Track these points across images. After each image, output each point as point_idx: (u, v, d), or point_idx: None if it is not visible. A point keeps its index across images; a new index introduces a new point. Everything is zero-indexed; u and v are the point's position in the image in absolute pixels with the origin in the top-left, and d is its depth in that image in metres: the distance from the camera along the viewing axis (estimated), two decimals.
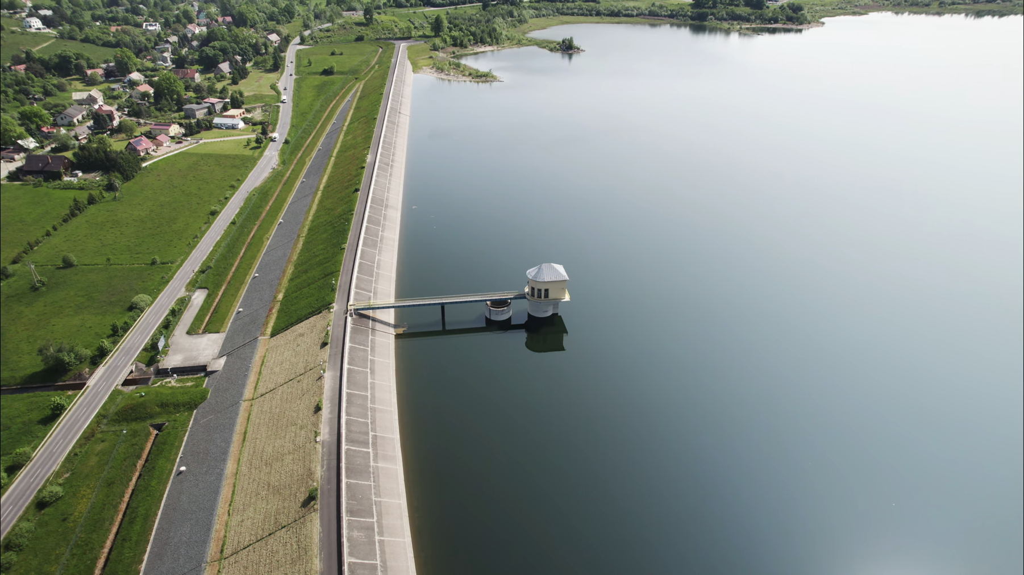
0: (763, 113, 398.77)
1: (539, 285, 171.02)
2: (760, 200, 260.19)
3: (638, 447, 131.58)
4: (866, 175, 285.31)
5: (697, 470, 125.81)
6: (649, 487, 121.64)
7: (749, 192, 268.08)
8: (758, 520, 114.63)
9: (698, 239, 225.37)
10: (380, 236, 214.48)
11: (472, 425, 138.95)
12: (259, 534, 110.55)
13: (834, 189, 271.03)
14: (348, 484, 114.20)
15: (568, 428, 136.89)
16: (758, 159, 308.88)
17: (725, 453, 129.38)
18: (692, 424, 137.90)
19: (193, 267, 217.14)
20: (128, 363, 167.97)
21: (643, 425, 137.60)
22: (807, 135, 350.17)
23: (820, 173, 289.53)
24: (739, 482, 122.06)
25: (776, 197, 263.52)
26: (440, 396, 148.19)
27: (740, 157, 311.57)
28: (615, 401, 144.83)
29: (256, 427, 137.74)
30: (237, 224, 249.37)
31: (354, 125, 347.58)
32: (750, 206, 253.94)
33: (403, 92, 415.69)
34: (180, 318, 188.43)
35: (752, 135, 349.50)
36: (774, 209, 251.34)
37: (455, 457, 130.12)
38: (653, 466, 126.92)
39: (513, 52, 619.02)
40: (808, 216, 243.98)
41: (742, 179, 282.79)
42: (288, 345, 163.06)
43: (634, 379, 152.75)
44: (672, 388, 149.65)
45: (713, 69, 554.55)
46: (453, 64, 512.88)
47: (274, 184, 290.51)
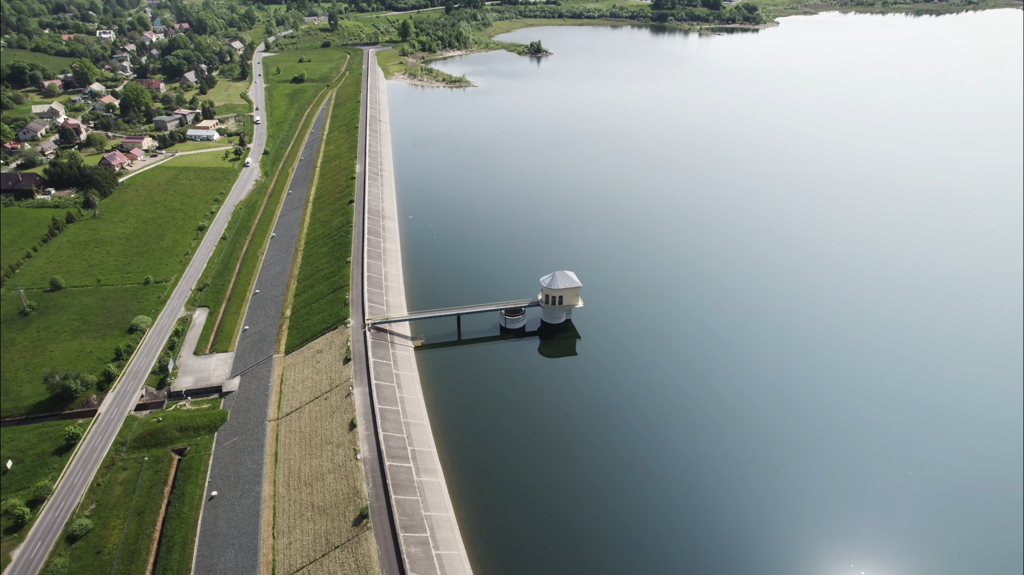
0: (743, 112, 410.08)
1: (553, 292, 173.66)
2: (763, 198, 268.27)
3: (659, 446, 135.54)
4: (859, 168, 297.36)
5: (708, 467, 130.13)
6: (668, 485, 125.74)
7: (748, 190, 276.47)
8: (768, 517, 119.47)
9: (698, 239, 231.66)
10: (383, 248, 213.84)
11: (501, 433, 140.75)
12: (311, 556, 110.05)
13: (828, 185, 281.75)
14: (397, 500, 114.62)
15: (589, 430, 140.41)
16: (751, 157, 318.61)
17: (736, 454, 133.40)
18: (704, 420, 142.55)
19: (189, 285, 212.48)
20: (137, 388, 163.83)
21: (661, 425, 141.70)
22: (792, 131, 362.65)
23: (816, 171, 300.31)
24: (750, 482, 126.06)
25: (779, 194, 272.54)
26: (466, 406, 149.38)
27: (729, 155, 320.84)
28: (631, 403, 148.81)
29: (287, 447, 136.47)
30: (228, 239, 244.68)
31: (335, 135, 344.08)
32: (751, 204, 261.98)
33: (379, 99, 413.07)
34: (184, 338, 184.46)
35: (738, 133, 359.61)
36: (779, 206, 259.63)
37: (491, 466, 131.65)
38: (671, 463, 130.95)
39: (481, 56, 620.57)
40: (815, 215, 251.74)
41: (735, 177, 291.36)
42: (306, 362, 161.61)
43: (648, 381, 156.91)
44: (684, 386, 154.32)
45: (680, 70, 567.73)
46: (425, 70, 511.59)
47: (260, 197, 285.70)
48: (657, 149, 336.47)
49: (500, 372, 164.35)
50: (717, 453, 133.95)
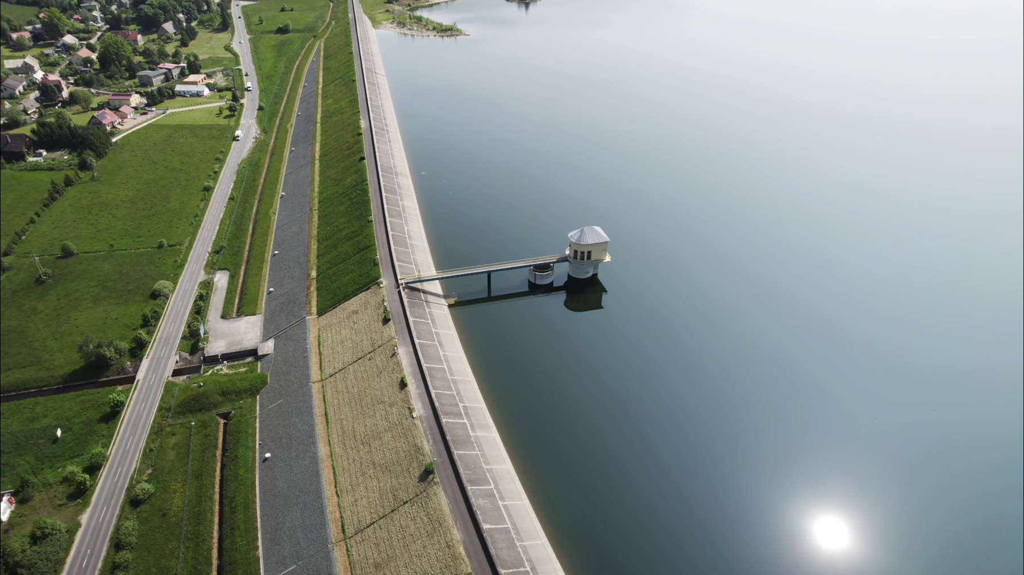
0: (752, 59, 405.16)
1: (581, 247, 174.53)
2: (787, 143, 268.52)
3: (689, 394, 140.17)
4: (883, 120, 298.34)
5: (729, 412, 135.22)
6: (694, 431, 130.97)
7: (764, 138, 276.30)
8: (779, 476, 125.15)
9: (722, 188, 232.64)
10: (401, 206, 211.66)
11: (541, 386, 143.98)
12: (380, 511, 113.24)
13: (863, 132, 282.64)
14: (459, 456, 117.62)
15: (620, 380, 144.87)
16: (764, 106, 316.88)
17: (752, 402, 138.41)
18: (724, 370, 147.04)
19: (205, 248, 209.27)
20: (171, 353, 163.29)
21: (690, 373, 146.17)
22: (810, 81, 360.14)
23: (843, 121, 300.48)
24: (769, 433, 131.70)
25: (807, 139, 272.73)
26: (505, 362, 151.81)
27: (741, 103, 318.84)
28: (658, 353, 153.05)
29: (337, 408, 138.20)
30: (237, 200, 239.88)
31: (331, 88, 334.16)
32: (773, 150, 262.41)
33: (372, 50, 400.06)
34: (209, 302, 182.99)
35: (753, 82, 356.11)
36: (811, 161, 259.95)
37: (539, 419, 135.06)
38: (698, 408, 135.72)
39: (468, 2, 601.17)
40: (856, 165, 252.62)
41: (748, 126, 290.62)
42: (342, 323, 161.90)
43: (676, 332, 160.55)
44: (706, 336, 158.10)
45: (669, 16, 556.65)
46: (414, 18, 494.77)
47: (261, 155, 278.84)
48: (663, 97, 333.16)
49: (533, 327, 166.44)
50: (739, 396, 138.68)
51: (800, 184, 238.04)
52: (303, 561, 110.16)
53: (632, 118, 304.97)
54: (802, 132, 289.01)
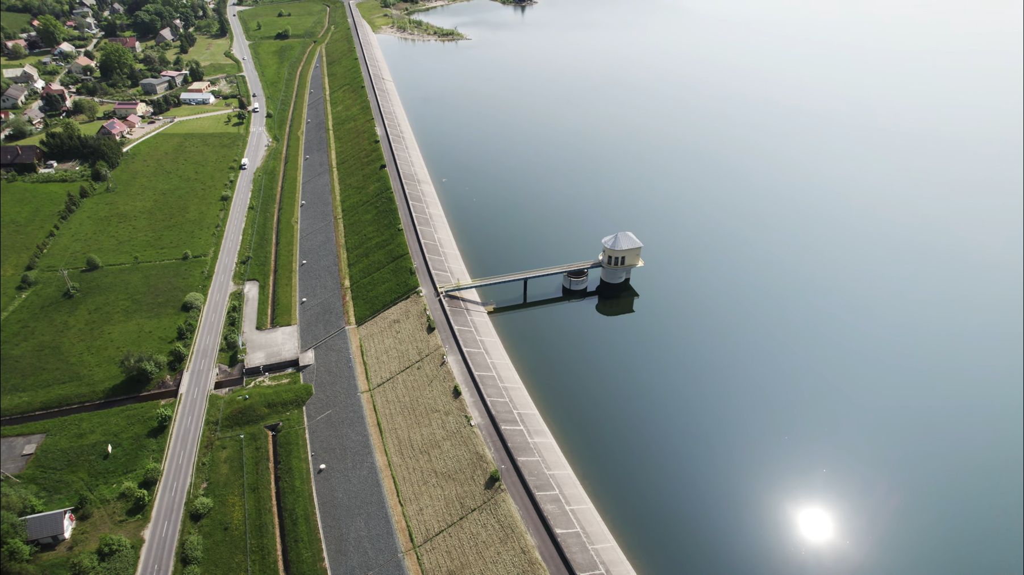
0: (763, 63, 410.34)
1: (616, 253, 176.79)
2: (822, 156, 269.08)
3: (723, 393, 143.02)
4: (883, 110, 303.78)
5: (759, 408, 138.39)
6: (729, 429, 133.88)
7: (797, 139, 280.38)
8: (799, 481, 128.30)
9: (753, 189, 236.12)
10: (428, 214, 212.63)
11: (588, 390, 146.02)
12: (448, 519, 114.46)
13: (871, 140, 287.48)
14: (521, 462, 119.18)
15: (661, 380, 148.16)
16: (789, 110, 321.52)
17: (782, 401, 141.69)
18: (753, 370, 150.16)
19: (231, 259, 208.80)
20: (210, 366, 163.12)
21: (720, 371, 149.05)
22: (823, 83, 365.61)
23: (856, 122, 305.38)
24: (800, 441, 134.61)
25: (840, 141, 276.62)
26: (550, 367, 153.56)
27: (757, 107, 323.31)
28: (695, 356, 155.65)
29: (389, 417, 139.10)
30: (257, 209, 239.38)
31: (339, 95, 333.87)
32: (799, 150, 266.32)
33: (376, 56, 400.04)
34: (243, 313, 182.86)
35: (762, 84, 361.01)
36: (841, 160, 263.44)
37: (590, 423, 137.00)
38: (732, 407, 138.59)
39: (464, 6, 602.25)
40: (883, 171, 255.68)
41: (766, 125, 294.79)
42: (384, 332, 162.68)
43: (710, 335, 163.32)
44: (739, 339, 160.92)
45: (663, 18, 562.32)
46: (413, 23, 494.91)
47: (275, 163, 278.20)
48: (679, 100, 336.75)
49: (571, 332, 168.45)
50: (770, 396, 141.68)
51: (829, 188, 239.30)
52: (373, 571, 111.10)
53: (650, 120, 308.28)
54: (829, 138, 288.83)
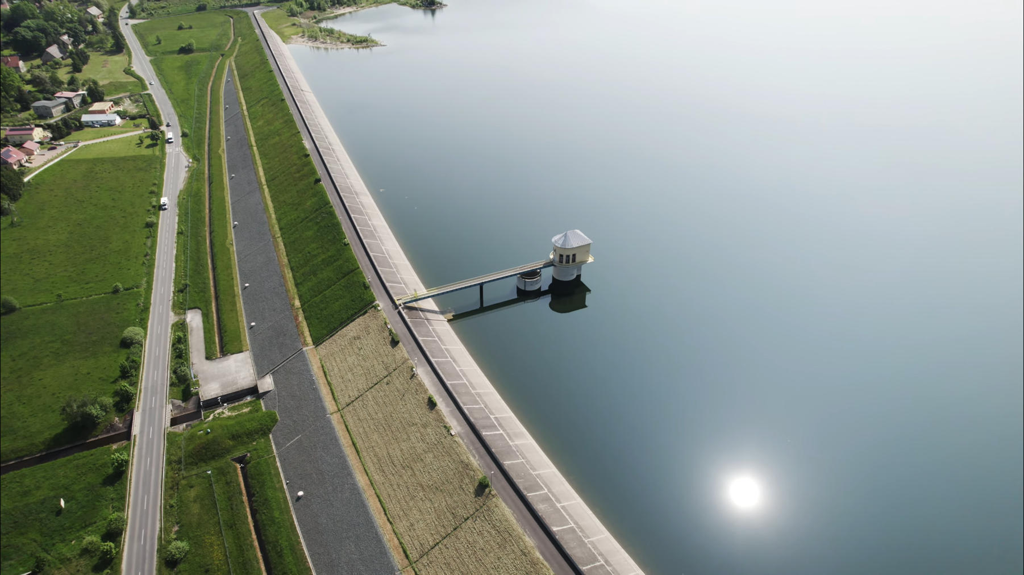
0: (669, 55, 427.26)
1: (566, 251, 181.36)
2: (767, 150, 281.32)
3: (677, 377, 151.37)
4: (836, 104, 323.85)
5: (699, 391, 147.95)
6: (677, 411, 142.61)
7: (720, 134, 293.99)
8: None
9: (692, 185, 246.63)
10: (371, 226, 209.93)
11: (558, 387, 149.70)
12: (442, 531, 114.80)
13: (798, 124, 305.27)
14: (508, 466, 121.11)
15: (623, 367, 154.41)
16: (702, 99, 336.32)
17: (723, 386, 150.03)
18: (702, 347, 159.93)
19: (166, 288, 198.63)
20: (163, 403, 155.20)
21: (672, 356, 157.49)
22: (737, 69, 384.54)
23: (774, 107, 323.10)
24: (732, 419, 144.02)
25: (762, 136, 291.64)
26: (517, 369, 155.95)
27: (671, 99, 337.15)
28: (646, 344, 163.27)
29: (364, 436, 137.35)
30: (187, 234, 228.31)
31: (258, 109, 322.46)
32: (731, 148, 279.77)
33: (290, 67, 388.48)
34: (189, 344, 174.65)
35: (678, 77, 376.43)
36: (769, 151, 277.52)
37: (566, 420, 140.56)
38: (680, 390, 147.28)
39: (373, 12, 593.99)
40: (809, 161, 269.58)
41: (683, 119, 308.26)
42: (345, 350, 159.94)
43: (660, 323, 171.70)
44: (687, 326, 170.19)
45: (570, 16, 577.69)
46: (324, 31, 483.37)
47: (199, 184, 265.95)
48: (603, 95, 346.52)
49: (533, 332, 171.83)
50: (705, 378, 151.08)
51: (770, 181, 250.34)
52: None
53: (581, 117, 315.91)
54: (777, 132, 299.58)
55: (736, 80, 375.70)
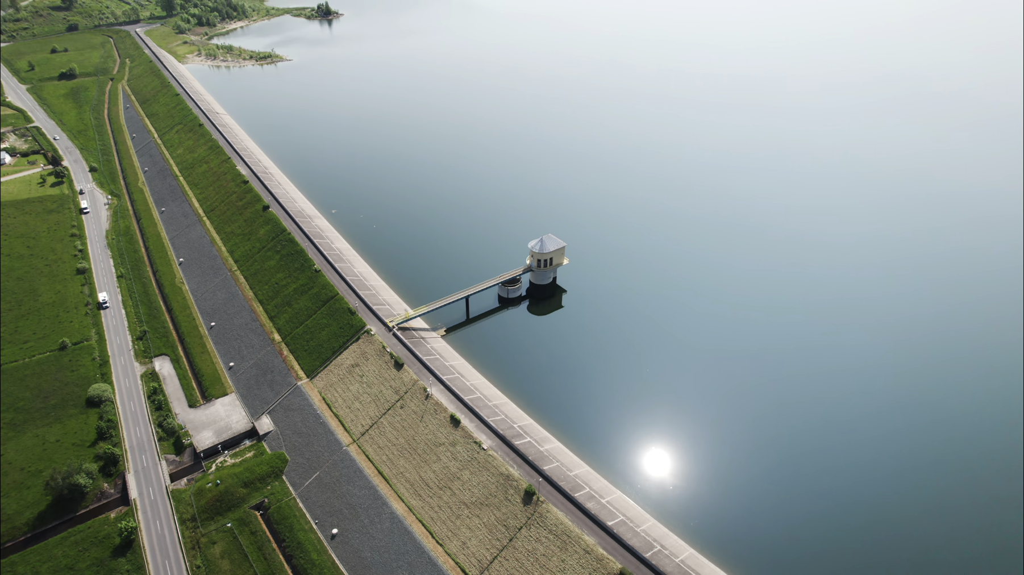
0: (595, 52, 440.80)
1: (544, 255, 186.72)
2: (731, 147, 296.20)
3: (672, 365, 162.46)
4: None
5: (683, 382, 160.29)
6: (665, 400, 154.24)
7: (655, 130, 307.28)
8: None
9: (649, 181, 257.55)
10: (337, 250, 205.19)
11: (565, 387, 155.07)
12: (498, 544, 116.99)
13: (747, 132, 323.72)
14: (548, 471, 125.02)
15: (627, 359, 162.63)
16: (625, 91, 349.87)
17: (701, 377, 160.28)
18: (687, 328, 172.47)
19: (122, 338, 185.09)
20: (155, 460, 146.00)
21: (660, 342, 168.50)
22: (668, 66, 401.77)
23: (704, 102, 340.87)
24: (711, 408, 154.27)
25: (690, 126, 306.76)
26: (523, 375, 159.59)
27: (602, 94, 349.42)
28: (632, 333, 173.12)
29: (390, 463, 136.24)
30: (128, 277, 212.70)
31: (174, 136, 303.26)
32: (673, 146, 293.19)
33: (196, 88, 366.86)
34: (166, 394, 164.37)
35: (596, 74, 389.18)
36: (715, 148, 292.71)
37: (585, 418, 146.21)
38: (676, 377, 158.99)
39: (267, 25, 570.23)
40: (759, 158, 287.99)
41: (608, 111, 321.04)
42: (345, 380, 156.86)
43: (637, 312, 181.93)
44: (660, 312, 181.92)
45: (476, 18, 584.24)
46: (223, 48, 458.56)
47: (126, 221, 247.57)
48: (534, 95, 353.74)
49: (524, 338, 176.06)
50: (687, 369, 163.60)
51: (729, 177, 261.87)
52: None
53: (515, 118, 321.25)
54: (742, 128, 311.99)
55: (683, 72, 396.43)
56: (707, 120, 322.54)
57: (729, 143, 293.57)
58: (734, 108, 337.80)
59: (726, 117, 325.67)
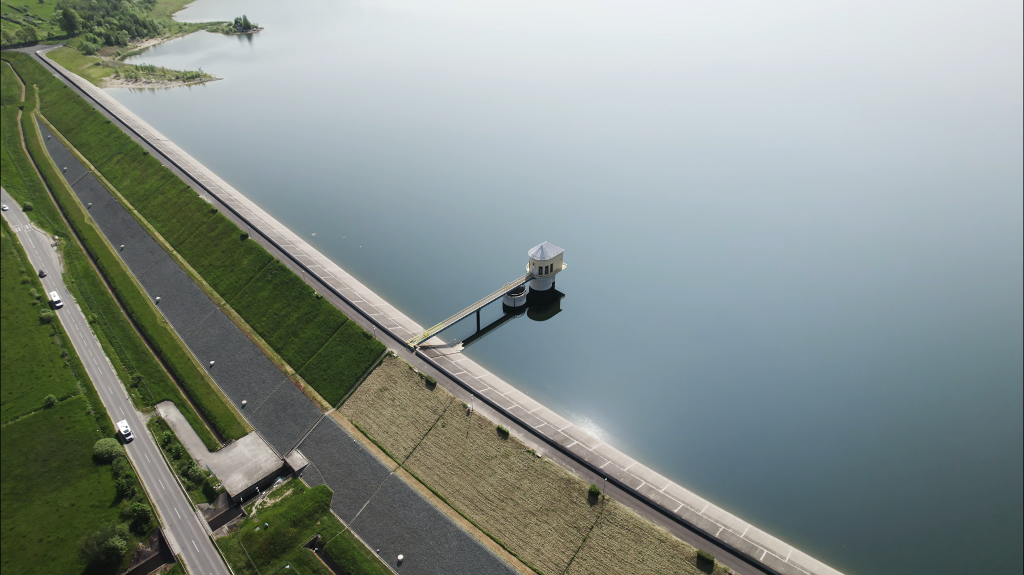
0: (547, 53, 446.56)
1: (544, 263, 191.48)
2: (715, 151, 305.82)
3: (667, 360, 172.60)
4: None
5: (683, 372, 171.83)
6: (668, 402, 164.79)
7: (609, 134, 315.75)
8: None
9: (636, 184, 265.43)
10: (331, 273, 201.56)
11: (589, 385, 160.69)
12: (573, 546, 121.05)
13: None
14: (605, 469, 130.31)
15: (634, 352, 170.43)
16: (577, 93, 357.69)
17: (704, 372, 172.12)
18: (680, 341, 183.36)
19: (114, 387, 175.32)
20: (190, 511, 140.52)
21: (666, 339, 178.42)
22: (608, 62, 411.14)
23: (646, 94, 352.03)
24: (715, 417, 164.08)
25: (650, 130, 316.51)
26: (548, 381, 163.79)
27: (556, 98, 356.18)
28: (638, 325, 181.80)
29: (443, 481, 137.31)
30: (101, 321, 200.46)
31: (116, 168, 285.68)
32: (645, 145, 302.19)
33: (126, 113, 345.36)
34: (181, 441, 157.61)
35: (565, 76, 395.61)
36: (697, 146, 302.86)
37: (621, 416, 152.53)
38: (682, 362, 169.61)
39: (183, 42, 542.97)
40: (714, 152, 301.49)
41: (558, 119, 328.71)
42: (376, 405, 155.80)
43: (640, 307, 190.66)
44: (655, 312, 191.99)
45: (403, 25, 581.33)
46: (145, 69, 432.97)
47: (83, 262, 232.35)
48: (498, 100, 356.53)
49: (538, 344, 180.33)
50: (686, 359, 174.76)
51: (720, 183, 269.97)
52: None
53: (478, 126, 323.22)
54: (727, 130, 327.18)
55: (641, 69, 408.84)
56: (700, 119, 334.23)
57: (723, 140, 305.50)
58: (729, 105, 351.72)
59: (721, 115, 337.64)
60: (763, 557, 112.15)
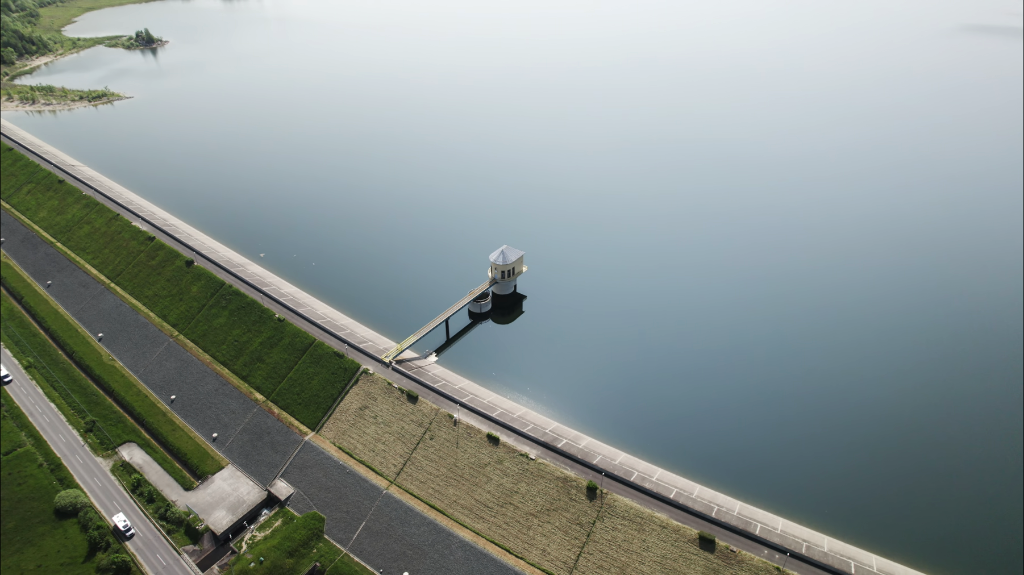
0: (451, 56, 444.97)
1: (506, 267, 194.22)
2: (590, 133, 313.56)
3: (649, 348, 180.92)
4: None
5: None
6: None
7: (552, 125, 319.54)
8: None
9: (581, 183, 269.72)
10: (288, 293, 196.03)
11: (565, 384, 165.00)
12: (578, 544, 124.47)
13: None
14: (597, 463, 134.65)
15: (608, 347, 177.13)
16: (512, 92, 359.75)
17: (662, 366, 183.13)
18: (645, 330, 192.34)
19: (66, 435, 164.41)
20: (174, 555, 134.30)
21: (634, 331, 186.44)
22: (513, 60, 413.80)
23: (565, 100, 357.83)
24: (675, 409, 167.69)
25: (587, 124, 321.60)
26: (526, 383, 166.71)
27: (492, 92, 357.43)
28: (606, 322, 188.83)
29: (439, 494, 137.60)
30: (37, 365, 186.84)
31: (27, 199, 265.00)
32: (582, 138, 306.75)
33: (30, 139, 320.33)
34: (152, 483, 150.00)
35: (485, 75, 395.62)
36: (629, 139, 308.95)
37: (603, 409, 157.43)
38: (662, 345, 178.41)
39: (78, 59, 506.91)
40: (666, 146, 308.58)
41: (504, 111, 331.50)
42: (358, 424, 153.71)
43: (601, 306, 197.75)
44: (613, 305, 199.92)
45: (316, 33, 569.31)
46: (42, 89, 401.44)
47: (5, 303, 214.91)
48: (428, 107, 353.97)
49: (506, 347, 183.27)
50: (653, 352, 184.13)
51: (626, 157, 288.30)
52: None
53: (413, 129, 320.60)
54: None
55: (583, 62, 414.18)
56: (653, 119, 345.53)
57: (674, 137, 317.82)
58: (684, 104, 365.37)
59: (677, 114, 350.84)
60: (758, 530, 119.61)
